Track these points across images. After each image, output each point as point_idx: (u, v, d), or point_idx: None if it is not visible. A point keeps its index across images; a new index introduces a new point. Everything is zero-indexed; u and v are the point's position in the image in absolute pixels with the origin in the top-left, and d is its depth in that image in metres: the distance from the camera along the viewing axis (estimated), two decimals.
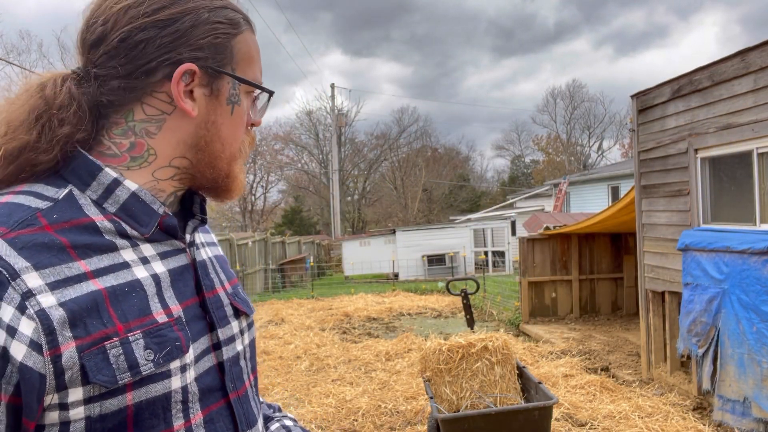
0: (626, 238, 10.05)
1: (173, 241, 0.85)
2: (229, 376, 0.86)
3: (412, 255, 18.81)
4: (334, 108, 33.80)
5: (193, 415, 0.79)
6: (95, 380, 0.69)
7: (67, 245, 0.72)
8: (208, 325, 0.86)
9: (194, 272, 0.87)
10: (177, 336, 0.77)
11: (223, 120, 0.86)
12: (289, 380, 6.73)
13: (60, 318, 0.68)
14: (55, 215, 0.74)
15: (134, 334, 0.73)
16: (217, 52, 0.83)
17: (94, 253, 0.74)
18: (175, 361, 0.76)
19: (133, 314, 0.74)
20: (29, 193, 0.76)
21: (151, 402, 0.73)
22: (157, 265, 0.81)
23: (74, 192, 0.78)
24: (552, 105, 48.39)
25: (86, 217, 0.76)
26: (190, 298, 0.84)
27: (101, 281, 0.73)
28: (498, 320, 10.54)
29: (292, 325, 10.22)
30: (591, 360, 7.11)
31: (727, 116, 5.03)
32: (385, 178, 43.58)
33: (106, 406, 0.70)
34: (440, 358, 4.07)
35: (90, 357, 0.69)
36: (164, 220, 0.83)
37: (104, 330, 0.70)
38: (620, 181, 20.32)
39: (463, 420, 3.56)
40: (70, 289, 0.70)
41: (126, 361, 0.71)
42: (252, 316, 1.00)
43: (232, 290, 0.95)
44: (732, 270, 4.67)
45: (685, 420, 4.89)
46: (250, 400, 0.92)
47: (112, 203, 0.79)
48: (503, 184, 48.52)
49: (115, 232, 0.78)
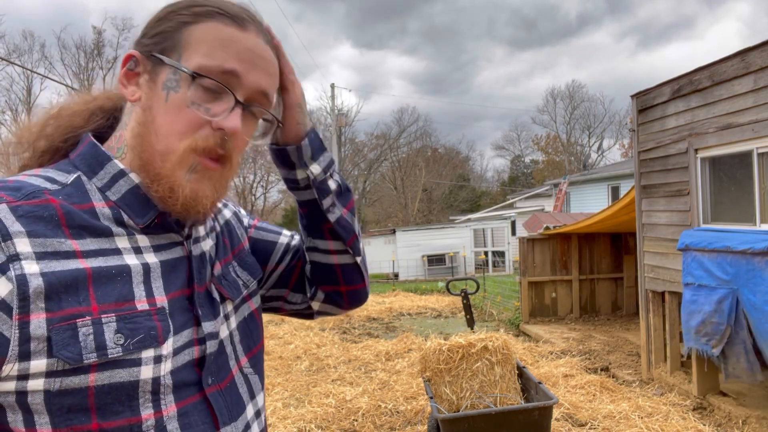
0: (626, 238, 10.05)
1: (171, 235, 0.86)
2: (207, 371, 0.85)
3: (412, 255, 18.80)
4: (334, 108, 33.79)
5: (165, 407, 0.78)
6: (59, 355, 0.69)
7: (63, 224, 0.75)
8: (194, 318, 0.85)
9: (188, 265, 0.87)
10: (154, 325, 0.77)
11: (158, 106, 0.80)
12: (289, 380, 6.73)
13: (37, 287, 0.69)
14: (61, 196, 0.77)
15: (108, 316, 0.73)
16: (164, 39, 0.82)
17: (89, 235, 0.76)
18: (148, 350, 0.75)
19: (111, 297, 0.74)
20: (41, 176, 0.80)
21: (115, 387, 0.73)
22: (150, 256, 0.81)
23: (82, 178, 0.81)
24: (552, 105, 48.45)
25: (89, 202, 0.79)
26: (178, 290, 0.83)
27: (89, 261, 0.74)
28: (498, 320, 10.54)
29: (292, 325, 10.22)
30: (591, 360, 7.11)
31: (727, 116, 5.03)
32: (385, 178, 43.58)
33: (66, 383, 0.70)
34: (440, 358, 4.07)
35: (59, 331, 0.69)
36: (162, 215, 0.83)
37: (78, 308, 0.71)
38: (620, 181, 20.31)
39: (463, 420, 3.56)
40: (55, 262, 0.71)
41: (94, 341, 0.71)
42: (242, 294, 0.96)
43: (220, 271, 0.93)
44: (738, 270, 4.66)
45: (685, 420, 4.88)
46: (237, 387, 0.91)
47: (115, 192, 0.81)
48: (503, 184, 48.52)
49: (113, 219, 0.80)
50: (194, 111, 0.79)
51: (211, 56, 0.80)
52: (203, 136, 0.80)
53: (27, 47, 33.51)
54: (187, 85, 0.80)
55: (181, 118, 0.80)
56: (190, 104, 0.79)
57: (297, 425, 5.15)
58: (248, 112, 0.85)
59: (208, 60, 0.79)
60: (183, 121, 0.79)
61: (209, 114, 0.80)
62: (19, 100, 25.80)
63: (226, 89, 0.80)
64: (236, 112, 0.81)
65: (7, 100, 25.34)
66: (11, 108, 25.57)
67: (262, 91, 0.84)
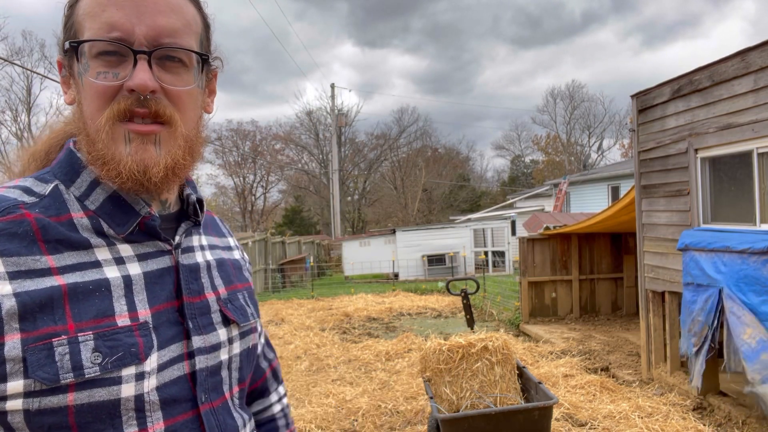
0: (626, 238, 10.05)
1: (157, 243, 0.83)
2: (201, 387, 0.81)
3: (412, 255, 18.80)
4: (334, 108, 33.79)
5: (151, 424, 0.75)
6: (35, 376, 0.67)
7: (39, 239, 0.72)
8: (184, 332, 0.81)
9: (176, 275, 0.83)
10: (135, 342, 0.74)
11: (83, 95, 0.78)
12: (289, 380, 6.73)
13: (10, 308, 0.67)
14: (38, 209, 0.74)
15: (85, 334, 0.71)
16: (67, 31, 0.80)
17: (66, 249, 0.74)
18: (128, 367, 0.73)
19: (90, 314, 0.72)
20: (19, 187, 0.77)
21: (94, 406, 0.71)
22: (133, 266, 0.78)
23: (60, 187, 0.79)
24: (552, 105, 48.45)
25: (66, 213, 0.76)
26: (165, 302, 0.80)
27: (65, 278, 0.72)
28: (498, 320, 10.53)
29: (292, 325, 10.22)
30: (591, 360, 7.11)
31: (727, 116, 5.03)
32: (385, 178, 43.55)
33: (45, 403, 0.69)
34: (440, 358, 4.07)
35: (34, 352, 0.68)
36: (146, 222, 0.81)
37: (53, 327, 0.69)
38: (620, 181, 20.31)
39: (463, 420, 3.56)
40: (29, 281, 0.69)
41: (71, 360, 0.69)
42: (249, 325, 0.94)
43: (227, 296, 0.91)
44: (730, 269, 4.67)
45: (685, 420, 4.88)
46: (230, 410, 0.87)
47: (93, 201, 0.79)
48: (503, 184, 48.51)
49: (92, 230, 0.77)
50: (102, 81, 0.75)
51: (94, 19, 0.75)
52: (117, 101, 0.75)
53: (27, 48, 33.56)
54: (93, 60, 0.76)
55: (96, 93, 0.76)
56: (97, 76, 0.76)
57: (297, 425, 5.16)
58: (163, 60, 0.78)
59: (92, 25, 0.75)
60: (97, 95, 0.76)
61: (119, 78, 0.75)
62: (19, 100, 25.82)
63: (120, 46, 0.75)
64: (140, 66, 0.75)
65: (7, 100, 25.34)
66: (11, 108, 25.57)
67: (162, 31, 0.77)
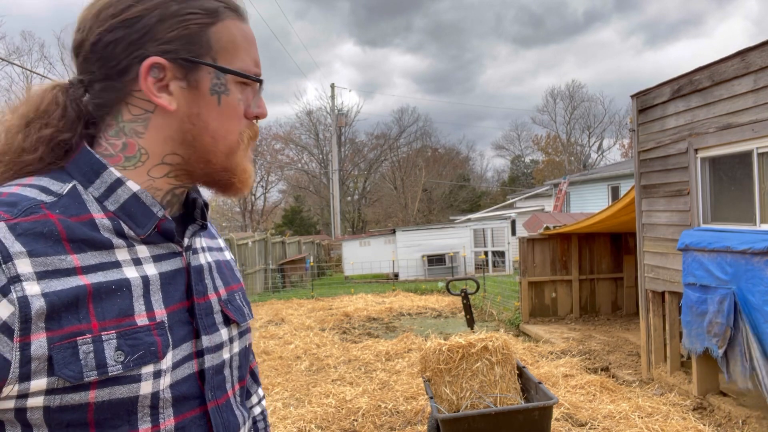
0: (626, 238, 10.05)
1: (170, 245, 0.85)
2: (209, 385, 0.85)
3: (412, 255, 18.80)
4: (334, 108, 33.80)
5: (163, 420, 0.78)
6: (60, 374, 0.69)
7: (63, 238, 0.73)
8: (193, 331, 0.85)
9: (187, 276, 0.86)
10: (154, 341, 0.77)
11: (209, 112, 0.83)
12: (289, 380, 6.73)
13: (39, 308, 0.68)
14: (58, 209, 0.75)
15: (108, 333, 0.73)
16: (190, 42, 0.81)
17: (89, 248, 0.75)
18: (147, 365, 0.75)
19: (112, 313, 0.74)
20: (36, 186, 0.78)
21: (114, 403, 0.73)
22: (150, 267, 0.81)
23: (78, 188, 0.79)
24: (552, 105, 48.45)
25: (87, 214, 0.77)
26: (178, 303, 0.83)
27: (89, 277, 0.73)
28: (498, 320, 10.53)
29: (292, 325, 10.22)
30: (591, 360, 7.11)
31: (727, 116, 5.03)
32: (385, 178, 43.55)
33: (66, 400, 0.70)
34: (440, 358, 4.07)
35: (59, 350, 0.69)
36: (162, 224, 0.83)
37: (78, 325, 0.71)
38: (620, 181, 20.31)
39: (463, 420, 3.56)
40: (56, 281, 0.70)
41: (95, 359, 0.71)
42: (246, 324, 0.98)
43: (226, 296, 0.94)
44: (737, 270, 4.65)
45: (685, 420, 4.88)
46: (233, 408, 0.91)
47: (113, 202, 0.80)
48: (503, 184, 48.51)
49: (113, 231, 0.79)
50: (241, 107, 0.87)
51: (239, 55, 0.86)
52: (248, 125, 0.89)
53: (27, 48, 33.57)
54: (237, 87, 0.86)
55: (236, 119, 0.86)
56: (240, 104, 0.86)
57: (297, 425, 5.16)
58: None
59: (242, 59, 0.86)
60: (238, 121, 0.86)
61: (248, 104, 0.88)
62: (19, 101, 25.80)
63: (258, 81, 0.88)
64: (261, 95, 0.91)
65: (7, 100, 25.33)
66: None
67: None
